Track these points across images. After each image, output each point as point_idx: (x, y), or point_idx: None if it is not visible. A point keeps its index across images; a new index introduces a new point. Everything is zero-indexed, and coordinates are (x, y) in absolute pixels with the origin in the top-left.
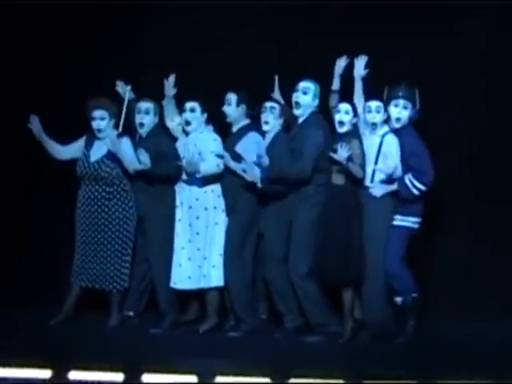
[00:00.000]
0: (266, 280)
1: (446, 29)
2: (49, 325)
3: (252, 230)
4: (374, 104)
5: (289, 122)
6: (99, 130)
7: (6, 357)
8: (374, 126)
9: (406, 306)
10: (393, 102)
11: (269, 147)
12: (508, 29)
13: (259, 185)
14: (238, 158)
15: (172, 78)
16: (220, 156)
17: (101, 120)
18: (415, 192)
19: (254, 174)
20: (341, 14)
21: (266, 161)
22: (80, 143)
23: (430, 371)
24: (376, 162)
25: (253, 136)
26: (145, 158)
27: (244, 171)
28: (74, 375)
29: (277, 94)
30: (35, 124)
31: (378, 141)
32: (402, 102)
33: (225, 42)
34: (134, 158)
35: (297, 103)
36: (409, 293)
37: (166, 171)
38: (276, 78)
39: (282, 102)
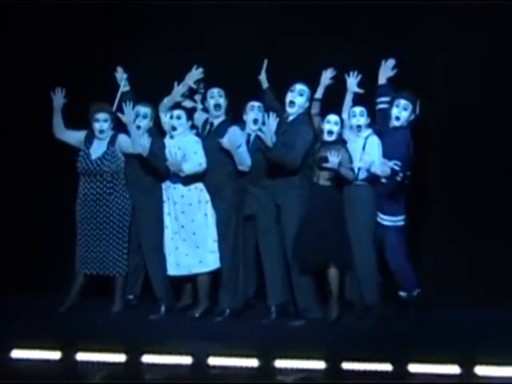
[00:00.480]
0: (256, 261)
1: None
2: (58, 311)
3: (237, 214)
4: (359, 109)
5: (270, 108)
6: (101, 131)
7: (20, 340)
8: (358, 128)
9: (411, 300)
10: (395, 103)
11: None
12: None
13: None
14: (222, 150)
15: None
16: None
17: (104, 122)
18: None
19: (247, 162)
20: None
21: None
22: (80, 135)
23: (404, 356)
24: (360, 161)
25: (236, 130)
26: (145, 141)
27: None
28: (81, 356)
29: (263, 77)
30: (58, 96)
31: (362, 142)
32: (403, 102)
33: (218, 44)
34: (138, 142)
35: (292, 102)
36: (413, 289)
37: (158, 164)
38: (265, 61)
39: (267, 84)
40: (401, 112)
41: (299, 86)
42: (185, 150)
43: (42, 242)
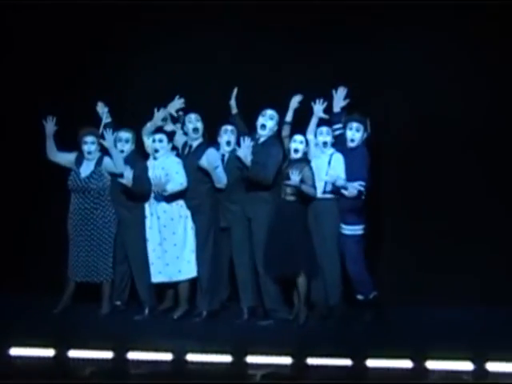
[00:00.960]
0: (233, 266)
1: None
2: (52, 313)
3: (215, 227)
4: (325, 128)
5: (239, 131)
6: (89, 152)
7: (17, 338)
8: (325, 144)
9: (367, 303)
10: (348, 126)
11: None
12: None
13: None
14: (200, 169)
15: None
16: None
17: (91, 144)
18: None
19: (223, 180)
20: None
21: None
22: (71, 156)
23: (362, 352)
24: (326, 175)
25: (213, 151)
26: (128, 173)
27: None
28: (72, 353)
29: (233, 103)
30: (50, 124)
31: (328, 159)
32: (355, 125)
33: (195, 71)
34: (122, 165)
35: (264, 126)
36: (369, 292)
37: (141, 192)
38: (235, 89)
39: (236, 110)
40: (354, 134)
41: (269, 111)
42: (168, 170)
43: (38, 251)
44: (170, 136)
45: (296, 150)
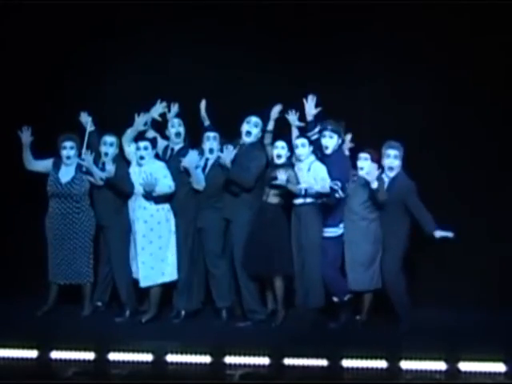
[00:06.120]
0: (206, 269)
1: None
2: (35, 315)
3: (194, 229)
4: (300, 141)
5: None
6: (68, 157)
7: (1, 340)
8: (301, 157)
9: (342, 304)
10: (322, 134)
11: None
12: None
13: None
14: (182, 172)
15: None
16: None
17: (70, 149)
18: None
19: (202, 182)
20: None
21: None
22: (47, 163)
23: (339, 352)
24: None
25: (195, 153)
26: (110, 167)
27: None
28: (55, 354)
29: (203, 115)
30: (26, 134)
31: (307, 167)
32: (328, 133)
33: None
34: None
35: (249, 132)
36: (344, 294)
37: (123, 187)
38: (203, 102)
39: (208, 122)
40: (328, 141)
41: (254, 119)
42: (156, 174)
43: (20, 254)
44: (154, 143)
45: (279, 156)
